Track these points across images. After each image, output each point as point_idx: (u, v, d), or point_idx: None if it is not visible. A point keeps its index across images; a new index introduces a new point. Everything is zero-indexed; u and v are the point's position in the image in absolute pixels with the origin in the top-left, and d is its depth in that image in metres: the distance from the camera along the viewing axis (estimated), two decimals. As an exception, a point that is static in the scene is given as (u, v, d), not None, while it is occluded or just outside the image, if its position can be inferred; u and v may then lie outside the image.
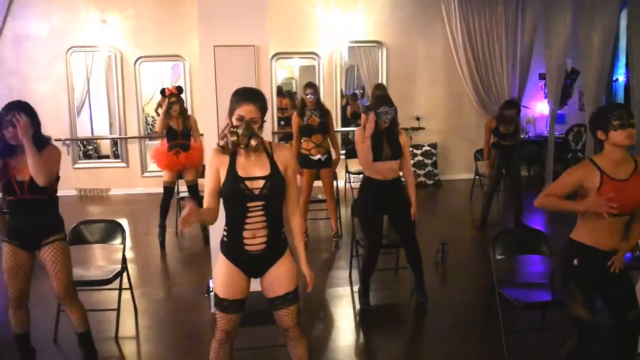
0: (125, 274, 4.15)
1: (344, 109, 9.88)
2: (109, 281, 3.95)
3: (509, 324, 3.69)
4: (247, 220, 2.53)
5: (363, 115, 6.86)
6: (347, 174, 8.20)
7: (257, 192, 2.50)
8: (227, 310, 2.64)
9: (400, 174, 4.31)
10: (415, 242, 4.31)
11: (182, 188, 6.45)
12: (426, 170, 9.18)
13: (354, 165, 8.12)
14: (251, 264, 2.61)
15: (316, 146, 5.81)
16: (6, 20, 8.55)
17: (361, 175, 7.88)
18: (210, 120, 4.19)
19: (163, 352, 3.87)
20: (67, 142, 8.89)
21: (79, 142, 9.21)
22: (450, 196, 8.74)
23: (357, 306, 4.43)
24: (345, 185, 8.27)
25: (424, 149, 9.18)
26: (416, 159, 9.07)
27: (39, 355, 3.48)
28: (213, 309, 2.74)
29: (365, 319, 4.27)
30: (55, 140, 8.46)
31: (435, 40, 9.27)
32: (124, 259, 4.13)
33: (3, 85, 8.41)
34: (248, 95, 2.52)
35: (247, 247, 2.56)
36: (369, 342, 4.04)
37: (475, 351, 3.77)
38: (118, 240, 4.15)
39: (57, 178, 3.22)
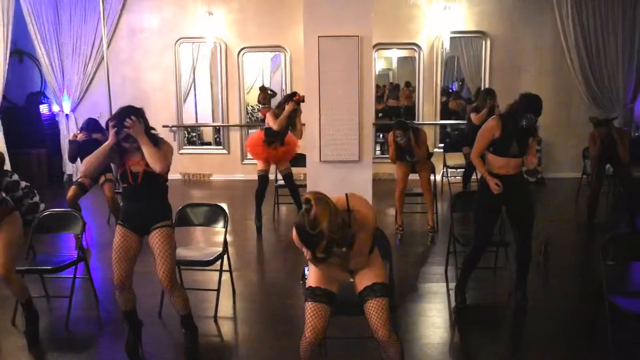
0: (225, 256, 4.32)
1: (444, 103, 9.63)
2: (210, 262, 4.13)
3: (618, 335, 3.44)
4: None
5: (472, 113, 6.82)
6: (444, 168, 8.01)
7: None
8: (320, 299, 2.71)
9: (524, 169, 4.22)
10: (531, 239, 4.12)
11: (280, 176, 6.60)
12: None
13: (452, 159, 7.94)
14: None
15: None
16: (122, 14, 9.16)
17: (459, 170, 7.79)
18: (312, 109, 4.24)
19: (258, 335, 3.99)
20: (173, 128, 9.37)
21: (184, 128, 9.68)
22: (554, 195, 8.28)
23: (452, 303, 4.34)
24: (442, 179, 8.09)
25: (526, 144, 8.76)
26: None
27: (145, 328, 3.69)
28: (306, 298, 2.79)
29: (460, 318, 4.16)
30: (163, 126, 8.95)
31: (544, 30, 8.79)
32: (225, 242, 4.29)
33: (118, 75, 9.01)
34: None
35: None
36: (464, 341, 3.93)
37: (580, 361, 3.57)
38: (220, 224, 4.31)
39: (168, 169, 3.41)
